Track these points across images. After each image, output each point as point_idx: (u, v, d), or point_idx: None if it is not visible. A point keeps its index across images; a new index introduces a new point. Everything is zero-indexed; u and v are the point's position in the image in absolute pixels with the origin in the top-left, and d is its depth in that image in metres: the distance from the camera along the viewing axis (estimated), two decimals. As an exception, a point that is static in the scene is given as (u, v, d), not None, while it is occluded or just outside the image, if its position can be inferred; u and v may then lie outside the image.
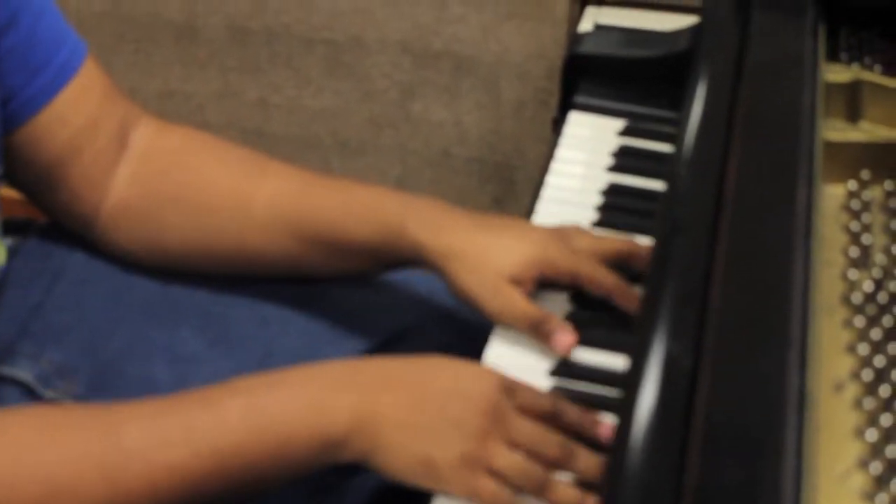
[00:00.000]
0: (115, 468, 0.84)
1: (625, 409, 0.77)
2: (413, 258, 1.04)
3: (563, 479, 0.88)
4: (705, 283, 0.81)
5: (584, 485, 0.88)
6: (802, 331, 0.78)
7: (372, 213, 1.05)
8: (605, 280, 1.02)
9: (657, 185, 1.18)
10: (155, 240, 1.12)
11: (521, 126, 1.85)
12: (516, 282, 1.01)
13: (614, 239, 1.07)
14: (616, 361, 0.97)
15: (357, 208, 1.06)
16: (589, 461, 0.88)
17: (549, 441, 0.89)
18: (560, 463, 0.88)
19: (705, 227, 0.84)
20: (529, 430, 0.88)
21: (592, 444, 0.90)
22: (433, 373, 0.90)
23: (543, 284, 1.04)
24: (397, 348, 1.13)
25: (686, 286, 0.82)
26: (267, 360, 1.10)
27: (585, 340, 1.00)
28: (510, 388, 0.90)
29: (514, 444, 0.87)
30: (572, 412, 0.91)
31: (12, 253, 1.12)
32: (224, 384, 0.89)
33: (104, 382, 1.05)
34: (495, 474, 0.86)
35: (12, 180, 1.12)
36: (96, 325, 1.10)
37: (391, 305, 1.15)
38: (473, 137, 1.88)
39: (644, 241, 1.08)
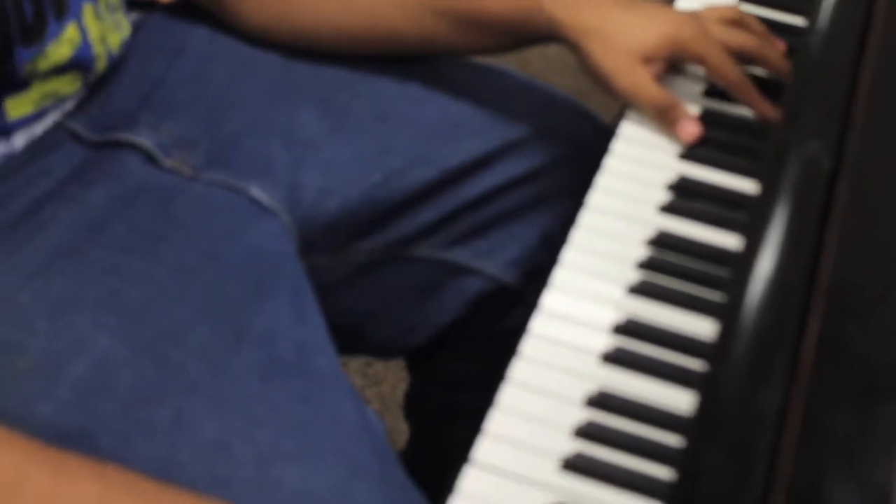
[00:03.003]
0: None
1: (760, 205, 0.77)
2: (549, 34, 1.04)
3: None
4: (851, 88, 0.80)
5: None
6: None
7: None
8: (730, 72, 1.02)
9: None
10: (285, 13, 1.11)
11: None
12: (648, 60, 1.01)
13: (750, 36, 1.06)
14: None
15: None
16: None
17: None
18: None
19: (856, 29, 0.83)
20: None
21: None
22: None
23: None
24: (511, 156, 1.13)
25: (831, 90, 0.81)
26: (383, 156, 1.10)
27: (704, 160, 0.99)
28: None
29: None
30: None
31: (136, 28, 1.12)
32: None
33: (222, 157, 1.05)
34: None
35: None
36: (216, 101, 1.09)
37: (510, 113, 1.14)
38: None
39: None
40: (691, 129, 1.00)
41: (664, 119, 1.01)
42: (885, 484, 0.62)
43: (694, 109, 1.04)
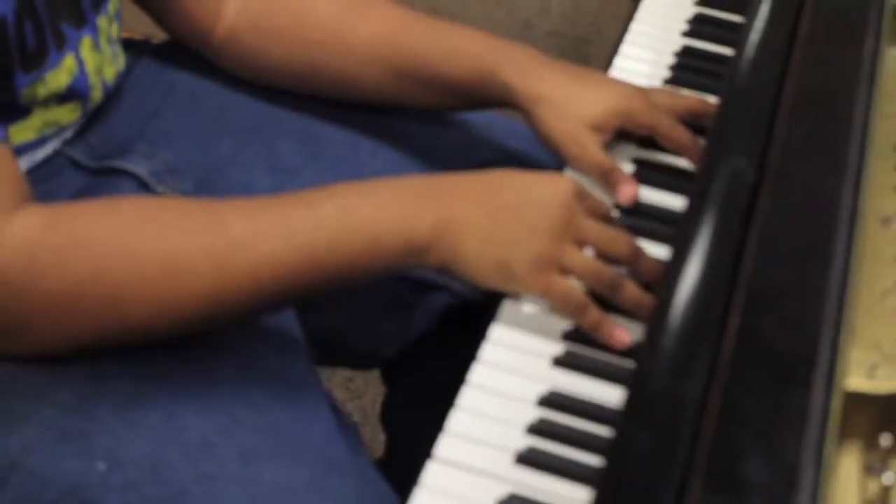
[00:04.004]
0: (223, 255, 0.91)
1: (688, 213, 0.84)
2: (502, 100, 1.12)
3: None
4: (774, 110, 0.87)
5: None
6: (859, 161, 0.85)
7: (467, 55, 1.13)
8: (681, 136, 1.09)
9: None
10: (262, 68, 1.20)
11: (601, 3, 1.90)
12: (597, 129, 1.08)
13: (690, 97, 1.13)
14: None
15: (453, 50, 1.13)
16: (652, 264, 0.95)
17: (619, 240, 0.95)
18: (628, 262, 0.95)
19: (778, 58, 0.91)
20: (599, 230, 0.95)
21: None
22: (508, 183, 0.96)
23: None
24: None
25: (755, 110, 0.89)
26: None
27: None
28: (581, 194, 0.96)
29: (584, 244, 0.94)
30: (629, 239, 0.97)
31: (131, 65, 1.21)
32: (321, 188, 0.95)
33: (209, 184, 1.14)
34: (568, 273, 0.93)
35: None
36: (205, 134, 1.19)
37: (470, 145, 1.23)
38: (555, 11, 1.93)
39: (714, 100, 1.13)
40: (630, 191, 1.06)
41: (605, 182, 1.07)
42: (794, 463, 0.68)
43: (628, 168, 1.10)
